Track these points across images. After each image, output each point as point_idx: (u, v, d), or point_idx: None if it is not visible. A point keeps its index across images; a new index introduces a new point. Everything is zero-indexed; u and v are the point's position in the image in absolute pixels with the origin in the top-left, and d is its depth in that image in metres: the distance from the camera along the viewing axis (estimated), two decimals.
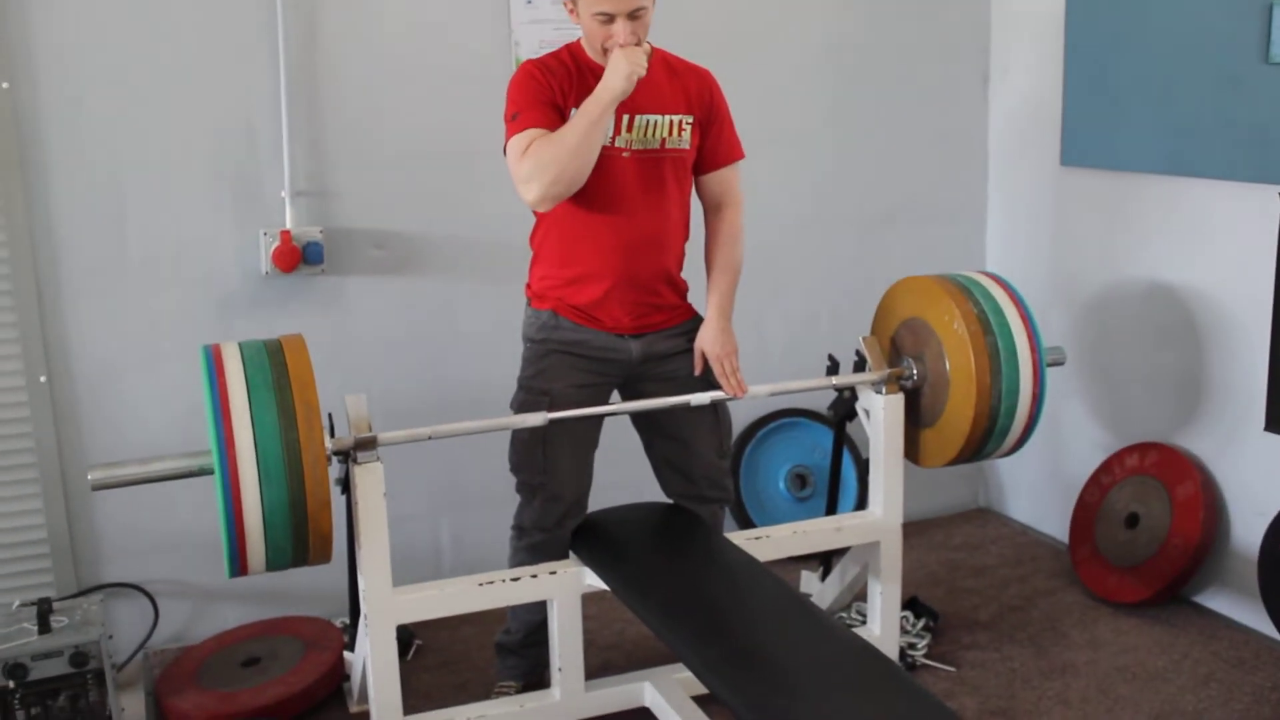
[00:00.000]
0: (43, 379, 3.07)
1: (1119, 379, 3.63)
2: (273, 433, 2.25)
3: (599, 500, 2.89)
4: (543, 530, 2.79)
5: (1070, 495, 3.71)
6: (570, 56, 2.65)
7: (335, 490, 2.40)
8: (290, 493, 2.26)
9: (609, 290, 2.69)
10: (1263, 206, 3.07)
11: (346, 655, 3.08)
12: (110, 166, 3.08)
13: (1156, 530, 3.35)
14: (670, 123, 2.67)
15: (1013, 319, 2.84)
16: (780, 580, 2.54)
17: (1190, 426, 3.39)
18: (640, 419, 2.87)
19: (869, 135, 3.86)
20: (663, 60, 2.70)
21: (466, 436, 2.64)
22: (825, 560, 3.34)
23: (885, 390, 2.91)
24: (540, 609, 2.81)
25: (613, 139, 2.61)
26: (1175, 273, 3.38)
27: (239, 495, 2.23)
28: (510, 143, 2.55)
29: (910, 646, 3.16)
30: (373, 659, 2.58)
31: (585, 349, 2.74)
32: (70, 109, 3.02)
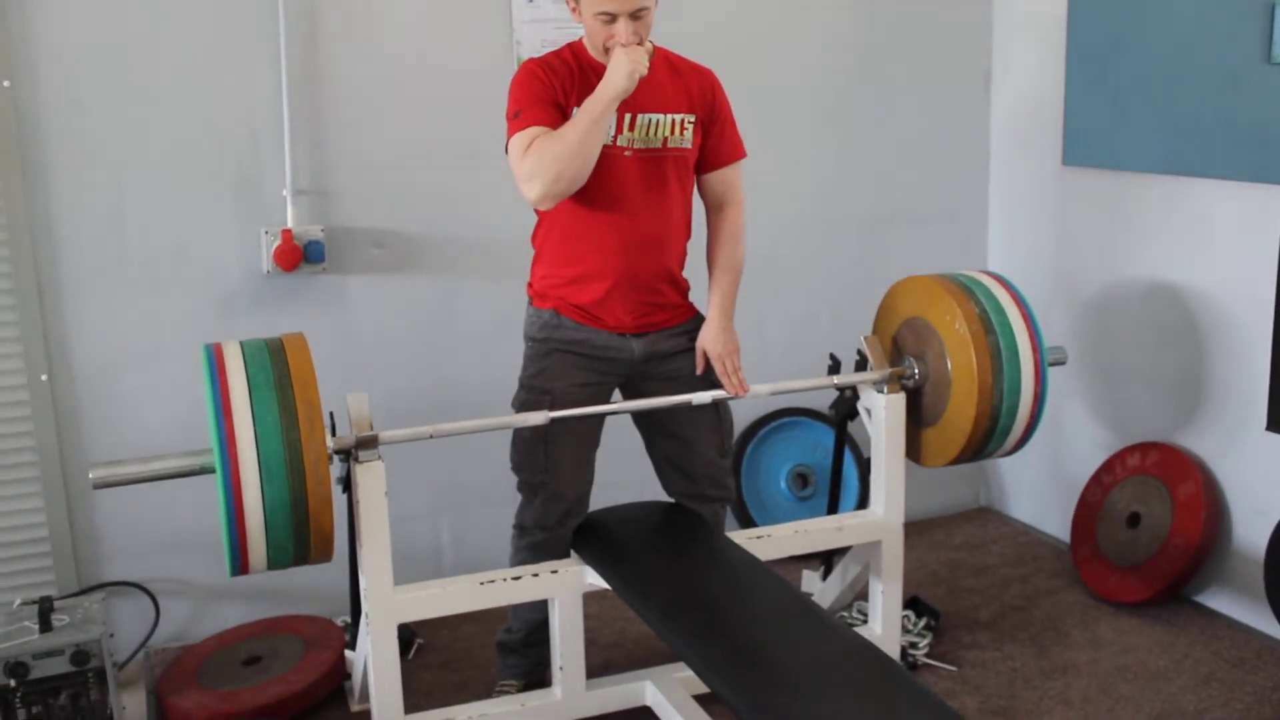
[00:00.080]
0: (44, 377, 3.07)
1: (1120, 379, 3.63)
2: (274, 431, 2.25)
3: (600, 499, 2.89)
4: (544, 529, 2.79)
5: (1071, 495, 3.71)
6: (572, 55, 2.65)
7: (336, 489, 2.40)
8: (291, 491, 2.25)
9: (611, 289, 2.69)
10: (1264, 206, 3.07)
11: (347, 654, 3.08)
12: (111, 165, 3.08)
13: (1158, 530, 3.35)
14: (672, 122, 2.67)
15: (1014, 318, 2.84)
16: (781, 579, 2.54)
17: (1191, 426, 3.39)
18: (642, 418, 2.87)
19: (870, 135, 3.86)
20: (665, 59, 2.70)
21: (468, 435, 2.65)
22: (826, 559, 3.35)
23: (887, 389, 2.91)
24: (541, 608, 2.81)
25: (615, 138, 2.60)
26: (1177, 272, 3.38)
27: (240, 494, 2.23)
28: (512, 141, 2.55)
29: (911, 646, 3.16)
30: (374, 658, 2.58)
31: (587, 348, 2.74)
32: (71, 107, 3.02)
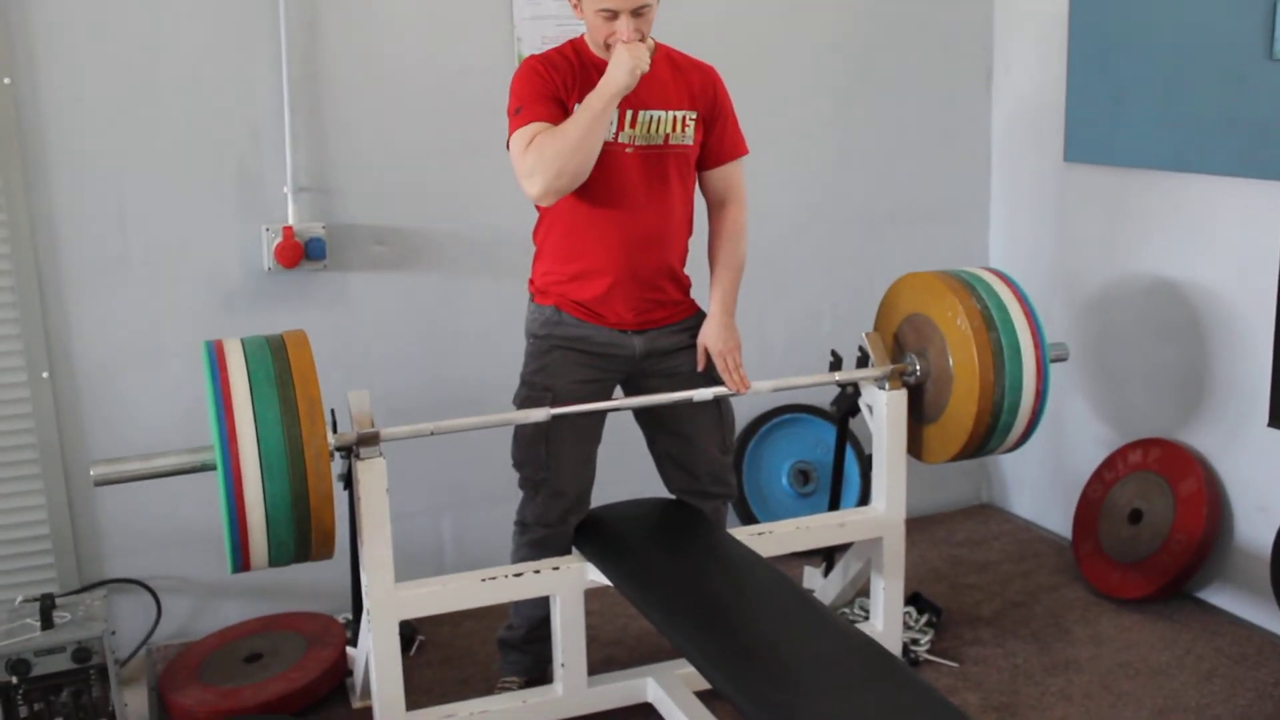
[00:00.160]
0: (45, 375, 3.07)
1: (1122, 375, 3.63)
2: (275, 428, 2.24)
3: (602, 496, 2.88)
4: (545, 526, 2.79)
5: (1073, 491, 3.71)
6: (574, 52, 2.65)
7: (337, 486, 2.40)
8: (293, 488, 2.25)
9: (612, 286, 2.69)
10: (1266, 203, 3.06)
11: (349, 651, 3.08)
12: (112, 162, 3.07)
13: (1159, 526, 3.35)
14: (674, 118, 2.66)
15: (1016, 315, 2.83)
16: (783, 576, 2.54)
17: (1193, 422, 3.39)
18: (643, 415, 2.87)
19: (872, 132, 3.85)
20: (666, 56, 2.69)
21: (469, 432, 2.64)
22: (828, 556, 3.35)
23: (888, 386, 2.91)
24: (543, 604, 2.81)
25: (616, 135, 2.60)
26: (1179, 269, 3.38)
27: (241, 491, 2.23)
28: (513, 137, 2.55)
29: (913, 642, 3.16)
30: (375, 654, 2.58)
31: (588, 345, 2.73)
32: (72, 104, 3.01)
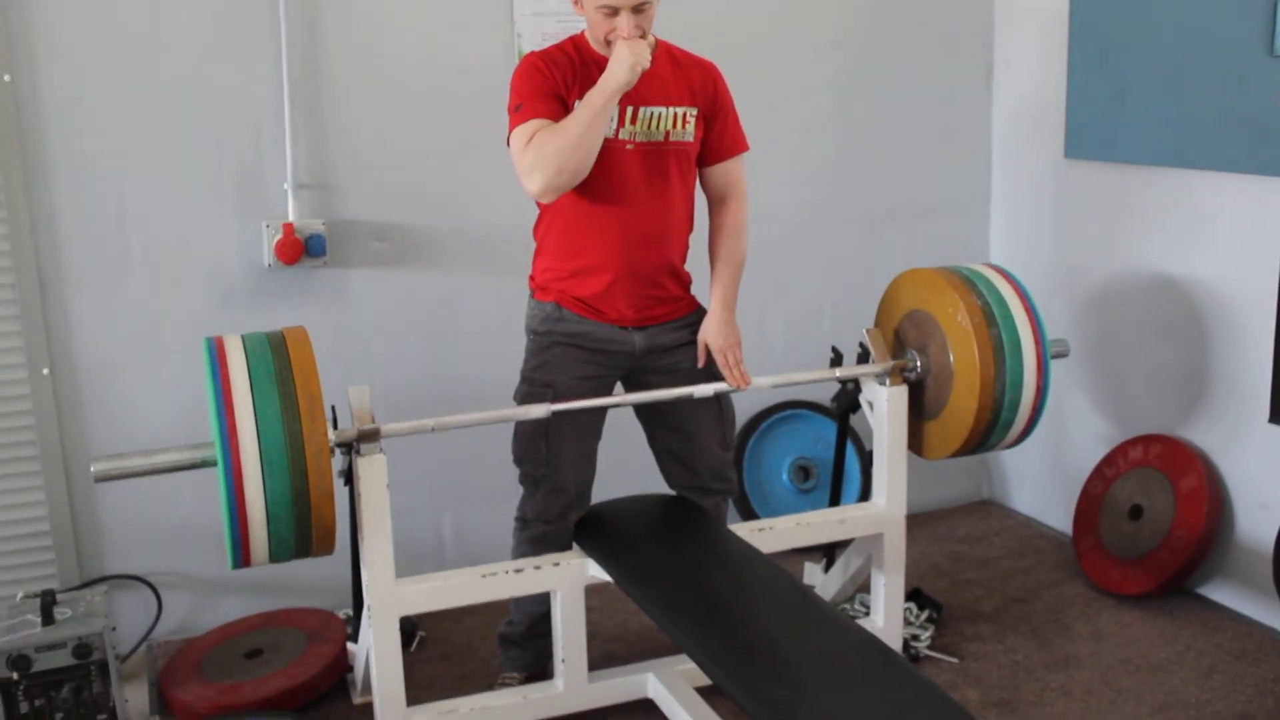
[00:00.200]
0: (45, 371, 3.07)
1: (1123, 371, 3.63)
2: (275, 424, 2.25)
3: (602, 492, 2.88)
4: (546, 522, 2.79)
5: (1074, 487, 3.71)
6: (574, 48, 2.64)
7: (338, 482, 2.40)
8: (293, 484, 2.25)
9: (612, 282, 2.69)
10: (1266, 199, 3.06)
11: (349, 647, 3.08)
12: (112, 159, 3.07)
13: (1160, 522, 3.35)
14: (674, 115, 2.66)
15: (1017, 311, 2.83)
16: (783, 572, 2.54)
17: (1194, 419, 3.39)
18: (643, 411, 2.87)
19: (872, 128, 3.85)
20: (667, 52, 2.69)
21: (470, 428, 2.64)
22: (828, 552, 3.35)
23: (889, 382, 2.91)
24: (543, 600, 2.81)
25: (616, 131, 2.60)
26: (1179, 265, 3.38)
27: (242, 487, 2.23)
28: (513, 134, 2.55)
29: (913, 638, 3.16)
30: (376, 650, 2.58)
31: (588, 341, 2.73)
32: (72, 102, 3.01)
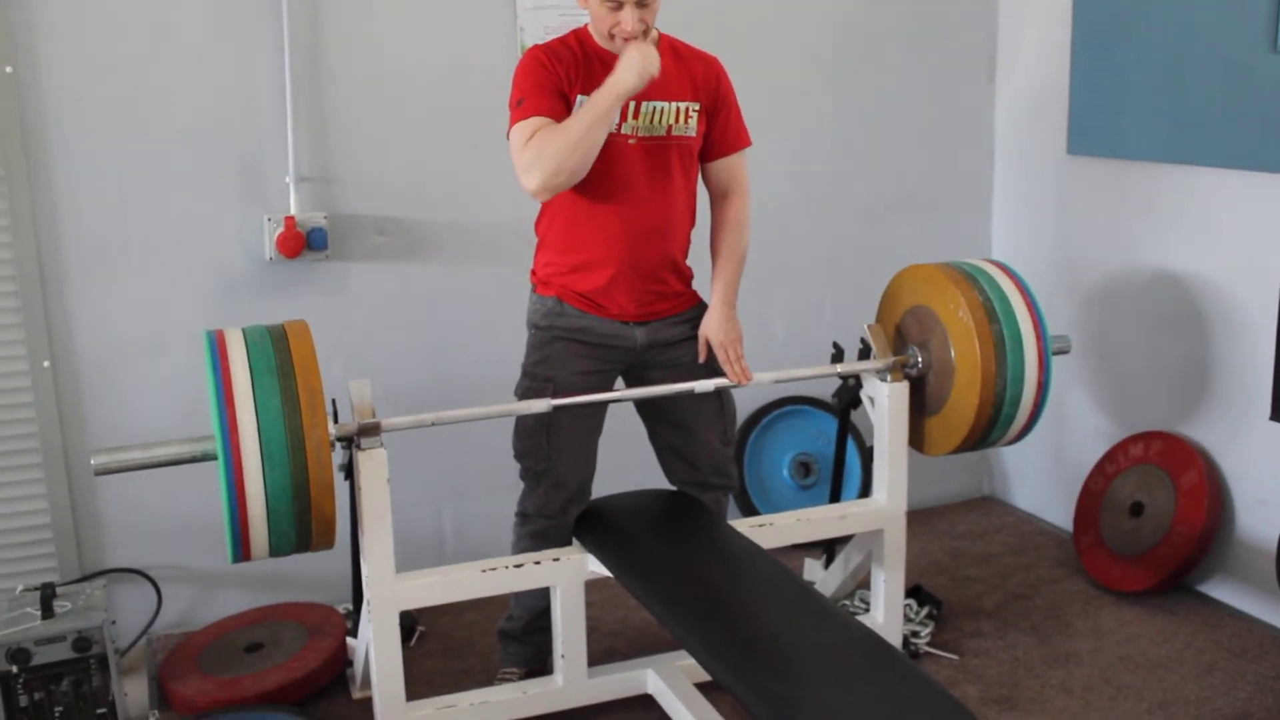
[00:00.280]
0: (46, 364, 3.06)
1: (1124, 368, 3.62)
2: (276, 418, 2.24)
3: (603, 487, 2.88)
4: (546, 517, 2.79)
5: (1074, 484, 3.70)
6: (577, 42, 2.64)
7: (338, 476, 2.40)
8: (293, 478, 2.25)
9: (614, 277, 2.68)
10: (1269, 195, 3.06)
11: (349, 641, 3.08)
12: (114, 152, 3.07)
13: (1161, 519, 3.35)
14: (677, 110, 2.65)
15: (1018, 307, 2.83)
16: (784, 567, 2.53)
17: (1195, 415, 3.38)
18: (644, 406, 2.86)
19: (874, 123, 3.85)
20: (670, 47, 2.68)
21: (470, 423, 2.64)
22: (829, 548, 3.35)
23: (890, 378, 2.90)
24: (543, 595, 2.80)
25: (619, 126, 2.59)
26: (1181, 261, 3.37)
27: (242, 481, 2.23)
28: (514, 130, 2.54)
29: (914, 634, 3.16)
30: (375, 645, 2.58)
31: (590, 336, 2.73)
32: (74, 94, 3.01)
